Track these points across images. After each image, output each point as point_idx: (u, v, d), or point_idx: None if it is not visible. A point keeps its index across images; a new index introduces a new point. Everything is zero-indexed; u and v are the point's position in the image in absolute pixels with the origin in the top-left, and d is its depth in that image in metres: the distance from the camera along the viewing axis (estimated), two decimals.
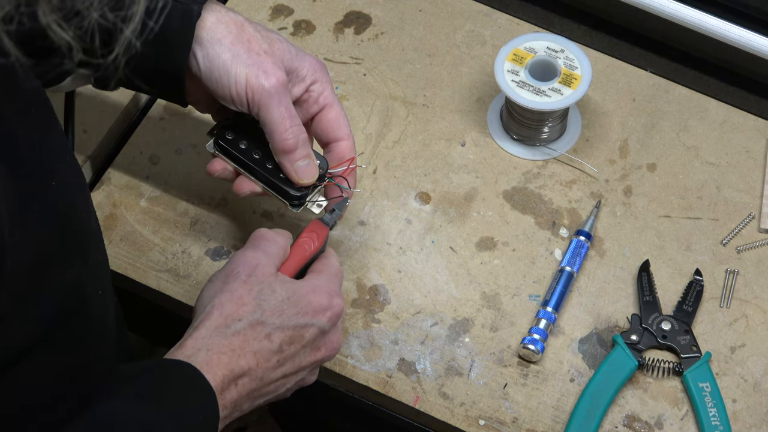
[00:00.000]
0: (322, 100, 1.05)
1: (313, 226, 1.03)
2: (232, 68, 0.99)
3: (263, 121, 1.01)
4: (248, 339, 0.94)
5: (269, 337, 0.95)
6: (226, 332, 0.94)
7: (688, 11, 1.24)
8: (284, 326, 0.95)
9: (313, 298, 0.97)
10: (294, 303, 0.96)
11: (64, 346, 0.86)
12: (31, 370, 0.83)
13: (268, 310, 0.95)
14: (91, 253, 0.89)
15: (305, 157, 1.03)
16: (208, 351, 0.92)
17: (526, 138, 1.22)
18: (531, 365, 1.11)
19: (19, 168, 0.77)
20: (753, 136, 1.23)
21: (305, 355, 0.97)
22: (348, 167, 1.06)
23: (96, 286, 0.90)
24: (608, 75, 1.27)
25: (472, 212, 1.18)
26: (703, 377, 1.09)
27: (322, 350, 0.99)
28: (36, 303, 0.81)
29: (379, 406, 1.11)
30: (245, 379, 0.93)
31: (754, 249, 1.17)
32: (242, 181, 1.06)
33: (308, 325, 0.97)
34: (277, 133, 1.01)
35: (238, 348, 0.93)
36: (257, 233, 1.00)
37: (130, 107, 1.24)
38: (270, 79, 1.00)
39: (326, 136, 1.06)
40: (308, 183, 1.04)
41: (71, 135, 1.14)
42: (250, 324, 0.94)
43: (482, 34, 1.29)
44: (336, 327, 1.00)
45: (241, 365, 0.93)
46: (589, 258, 1.16)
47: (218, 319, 0.94)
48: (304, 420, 1.50)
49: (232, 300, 0.95)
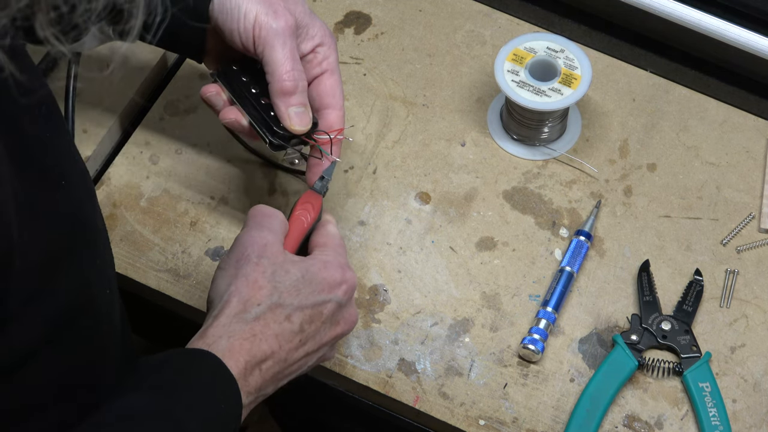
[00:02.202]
0: (326, 65, 1.05)
1: (306, 197, 1.02)
2: (243, 5, 1.00)
3: (266, 60, 1.01)
4: (268, 323, 0.94)
5: (289, 318, 0.94)
6: (247, 318, 0.93)
7: (688, 11, 1.24)
8: (303, 306, 0.95)
9: (326, 274, 0.97)
10: (308, 281, 0.96)
11: (73, 344, 0.86)
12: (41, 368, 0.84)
13: (285, 292, 0.95)
14: (98, 252, 0.89)
15: (301, 104, 1.03)
16: (229, 338, 0.92)
17: (526, 138, 1.22)
18: (531, 365, 1.11)
19: (28, 167, 0.78)
20: (753, 136, 1.23)
21: (325, 332, 0.97)
22: (335, 135, 1.05)
23: (104, 285, 0.90)
24: (608, 75, 1.27)
25: (472, 212, 1.18)
26: (703, 377, 1.09)
27: (341, 324, 0.98)
28: (45, 302, 0.81)
29: (379, 406, 1.11)
30: (269, 363, 0.93)
31: (754, 249, 1.17)
32: (230, 110, 1.05)
33: (326, 302, 0.96)
34: (278, 74, 1.01)
35: (260, 333, 0.93)
36: (256, 210, 0.99)
37: (129, 108, 1.24)
38: (279, 20, 1.00)
39: (320, 101, 1.06)
40: (299, 131, 1.03)
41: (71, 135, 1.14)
42: (269, 307, 0.94)
43: (482, 34, 1.29)
44: (351, 300, 0.99)
45: (263, 349, 0.93)
46: (589, 258, 1.16)
47: (237, 305, 0.94)
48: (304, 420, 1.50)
49: (248, 285, 0.94)
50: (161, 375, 0.90)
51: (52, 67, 1.21)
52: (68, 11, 0.66)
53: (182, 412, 0.87)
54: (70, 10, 0.66)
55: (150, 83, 1.26)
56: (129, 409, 0.86)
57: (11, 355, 0.80)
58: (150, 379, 0.89)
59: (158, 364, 0.91)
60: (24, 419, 0.85)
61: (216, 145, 1.22)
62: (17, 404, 0.84)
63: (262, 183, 1.20)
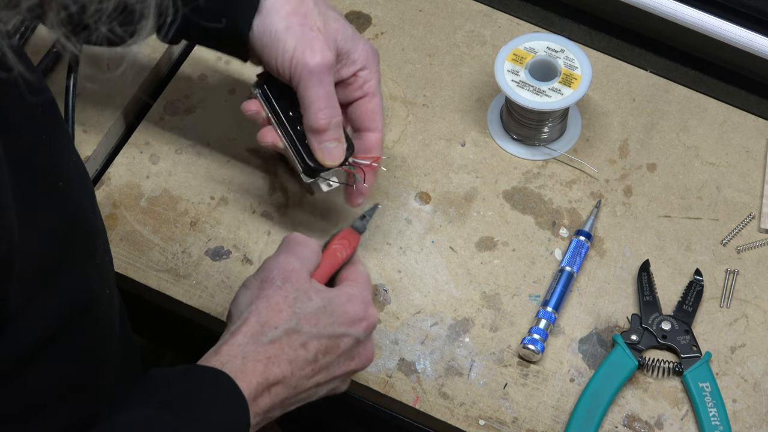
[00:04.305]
0: (367, 88, 1.06)
1: (345, 233, 1.02)
2: (282, 38, 1.01)
3: (300, 96, 1.03)
4: (284, 347, 0.93)
5: (305, 346, 0.94)
6: (262, 340, 0.93)
7: (688, 11, 1.24)
8: (320, 335, 0.95)
9: (349, 308, 0.96)
10: (330, 312, 0.95)
11: (73, 345, 0.86)
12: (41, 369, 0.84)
13: (304, 319, 0.94)
14: (98, 252, 0.89)
15: (334, 140, 1.04)
16: (243, 359, 0.92)
17: (526, 138, 1.22)
18: (531, 365, 1.11)
19: (27, 168, 0.78)
20: (753, 136, 1.23)
21: (339, 365, 0.97)
22: (371, 162, 1.07)
23: (103, 286, 0.90)
24: (608, 75, 1.27)
25: (472, 212, 1.18)
26: (703, 377, 1.09)
27: (356, 360, 0.98)
28: (45, 303, 0.81)
29: (379, 406, 1.11)
30: (279, 387, 0.93)
31: (754, 249, 1.17)
32: (269, 131, 1.07)
33: (344, 335, 0.96)
34: (312, 112, 1.03)
35: (274, 356, 0.93)
36: (290, 237, 0.99)
37: (129, 108, 1.24)
38: (315, 57, 1.01)
39: (360, 123, 1.08)
40: (330, 165, 1.05)
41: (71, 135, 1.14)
42: (286, 332, 0.94)
43: (482, 34, 1.29)
44: (370, 337, 0.99)
45: (275, 373, 0.92)
46: (589, 258, 1.16)
47: (255, 326, 0.94)
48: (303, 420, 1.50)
49: (269, 307, 0.94)
50: (172, 390, 0.89)
51: (52, 67, 1.21)
52: (78, 11, 0.66)
53: (190, 429, 0.87)
54: (80, 10, 0.66)
55: (150, 83, 1.26)
56: (136, 423, 0.86)
57: (11, 356, 0.80)
58: (160, 393, 0.89)
59: (170, 379, 0.91)
60: (25, 420, 0.85)
61: (216, 145, 1.22)
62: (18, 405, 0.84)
63: (262, 183, 1.20)
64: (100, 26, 0.67)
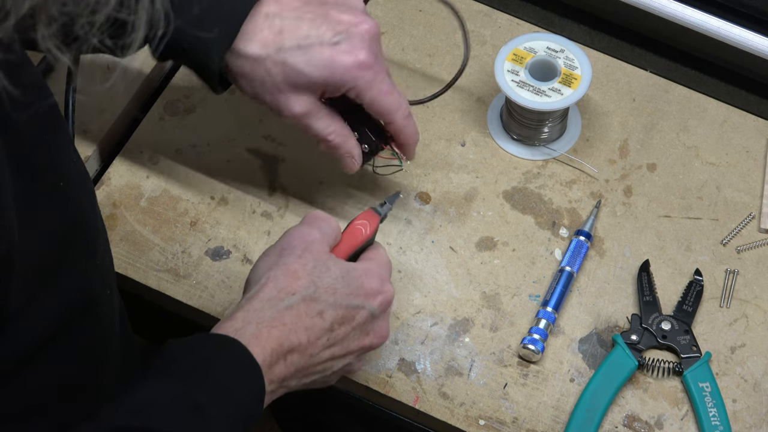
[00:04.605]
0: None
1: (365, 215, 1.03)
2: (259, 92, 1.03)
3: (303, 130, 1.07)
4: (300, 315, 0.93)
5: (321, 315, 0.94)
6: (279, 306, 0.93)
7: (688, 11, 1.24)
8: (337, 305, 0.95)
9: (365, 281, 0.97)
10: (347, 283, 0.96)
11: (73, 345, 0.86)
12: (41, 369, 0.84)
13: (322, 288, 0.95)
14: (99, 252, 0.89)
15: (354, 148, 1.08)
16: (258, 324, 0.92)
17: (526, 138, 1.22)
18: (531, 365, 1.11)
19: (28, 168, 0.78)
20: (753, 136, 1.23)
21: (354, 339, 0.97)
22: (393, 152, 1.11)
23: (104, 286, 0.90)
24: (608, 75, 1.27)
25: (472, 212, 1.18)
26: (703, 377, 1.09)
27: (370, 335, 0.98)
28: (45, 303, 0.81)
29: (379, 406, 1.11)
30: (295, 355, 0.93)
31: (754, 249, 1.17)
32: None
33: (359, 307, 0.96)
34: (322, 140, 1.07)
35: (290, 323, 0.93)
36: (312, 213, 1.00)
37: (130, 107, 1.24)
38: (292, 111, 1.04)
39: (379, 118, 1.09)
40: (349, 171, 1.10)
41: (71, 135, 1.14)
42: (303, 299, 0.94)
43: (482, 34, 1.29)
44: (385, 314, 0.99)
45: (291, 340, 0.92)
46: (589, 258, 1.16)
47: (272, 291, 0.94)
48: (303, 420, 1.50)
49: (287, 273, 0.95)
50: (186, 361, 0.89)
51: (52, 67, 1.21)
52: (69, 23, 0.66)
53: (204, 399, 0.86)
54: (70, 22, 0.66)
55: (150, 84, 1.26)
56: (151, 394, 0.86)
57: (11, 356, 0.80)
58: (174, 365, 0.89)
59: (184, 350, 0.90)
60: (25, 420, 0.85)
61: (216, 145, 1.22)
62: (18, 405, 0.84)
63: (263, 183, 1.20)
64: (91, 38, 0.67)
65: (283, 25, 1.01)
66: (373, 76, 1.03)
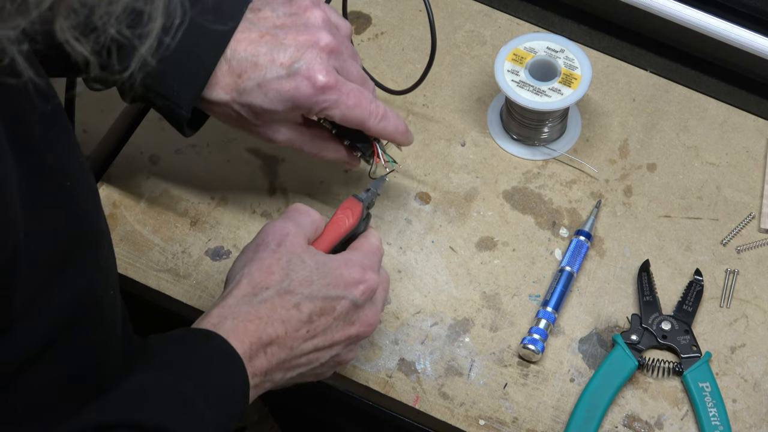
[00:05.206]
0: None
1: (347, 203, 1.03)
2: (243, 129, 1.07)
3: None
4: (276, 307, 0.94)
5: (298, 307, 0.94)
6: (254, 301, 0.93)
7: (688, 11, 1.24)
8: (313, 297, 0.95)
9: (344, 271, 0.97)
10: (324, 274, 0.96)
11: (77, 345, 0.86)
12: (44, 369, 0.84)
13: (296, 280, 0.95)
14: (102, 253, 0.89)
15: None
16: (234, 319, 0.92)
17: (526, 138, 1.22)
18: (531, 365, 1.11)
19: (35, 168, 0.78)
20: (753, 136, 1.23)
21: (338, 329, 0.97)
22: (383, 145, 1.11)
23: (107, 287, 0.91)
24: (608, 75, 1.27)
25: (472, 212, 1.18)
26: (703, 377, 1.09)
27: (356, 325, 0.98)
28: (50, 303, 0.81)
29: (379, 406, 1.11)
30: (274, 348, 0.93)
31: (754, 249, 1.17)
32: None
33: (339, 298, 0.96)
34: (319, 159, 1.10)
35: (266, 316, 0.93)
36: (292, 207, 1.01)
37: (130, 107, 1.24)
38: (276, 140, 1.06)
39: None
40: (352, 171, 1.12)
41: None
42: (278, 293, 0.94)
43: (482, 34, 1.29)
44: (372, 302, 0.99)
45: (268, 333, 0.92)
46: (589, 258, 1.16)
47: (247, 287, 0.94)
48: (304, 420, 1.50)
49: (261, 269, 0.95)
50: (169, 354, 0.89)
51: None
52: (87, 14, 0.66)
53: (190, 389, 0.86)
54: (89, 13, 0.66)
55: None
56: (139, 386, 0.86)
57: (14, 357, 0.80)
58: (158, 359, 0.89)
59: (166, 344, 0.90)
60: (27, 420, 0.85)
61: (216, 145, 1.22)
62: (21, 405, 0.84)
63: (262, 183, 1.20)
64: (109, 28, 0.67)
65: (240, 67, 1.01)
66: (336, 95, 1.03)
